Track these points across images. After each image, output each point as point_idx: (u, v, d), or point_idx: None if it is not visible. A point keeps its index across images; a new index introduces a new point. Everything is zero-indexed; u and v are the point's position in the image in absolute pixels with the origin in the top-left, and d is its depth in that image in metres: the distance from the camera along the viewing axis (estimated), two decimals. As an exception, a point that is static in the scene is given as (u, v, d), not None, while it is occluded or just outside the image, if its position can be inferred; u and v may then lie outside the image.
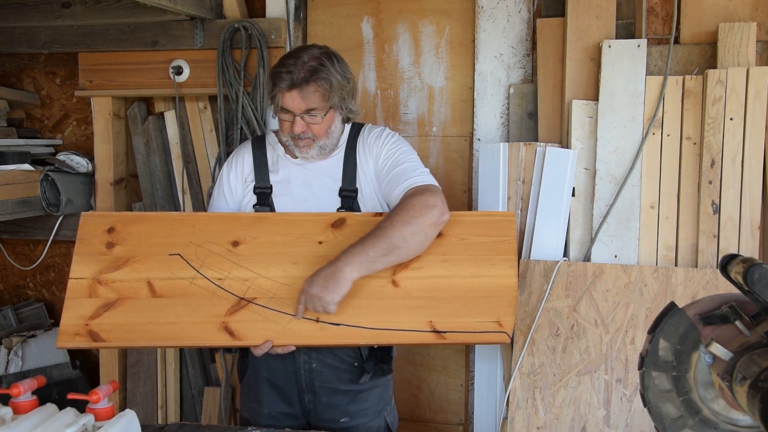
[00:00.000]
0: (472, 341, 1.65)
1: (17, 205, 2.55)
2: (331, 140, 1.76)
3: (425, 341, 1.60)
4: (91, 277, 1.67)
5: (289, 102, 1.67)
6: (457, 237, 1.70)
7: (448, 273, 1.65)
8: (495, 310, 1.61)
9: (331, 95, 1.68)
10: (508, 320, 1.60)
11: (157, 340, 1.64)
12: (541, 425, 2.11)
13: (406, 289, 1.64)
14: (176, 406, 2.86)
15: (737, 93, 2.06)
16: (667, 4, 2.29)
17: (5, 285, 3.15)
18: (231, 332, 1.60)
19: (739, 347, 0.84)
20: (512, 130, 2.44)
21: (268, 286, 1.64)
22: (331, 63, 1.69)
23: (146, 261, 1.69)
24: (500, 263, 1.66)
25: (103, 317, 1.63)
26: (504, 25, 2.44)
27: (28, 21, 2.70)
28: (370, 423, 1.82)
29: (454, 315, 1.61)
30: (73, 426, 1.27)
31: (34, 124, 3.03)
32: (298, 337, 1.59)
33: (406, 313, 1.61)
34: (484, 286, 1.64)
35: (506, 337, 1.59)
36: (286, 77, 1.65)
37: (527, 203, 2.22)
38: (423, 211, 1.60)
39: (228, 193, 1.84)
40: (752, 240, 2.07)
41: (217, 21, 2.60)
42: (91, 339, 1.61)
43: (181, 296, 1.64)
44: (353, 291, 1.59)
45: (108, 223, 1.75)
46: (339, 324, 1.59)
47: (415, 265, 1.66)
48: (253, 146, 1.86)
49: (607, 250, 2.16)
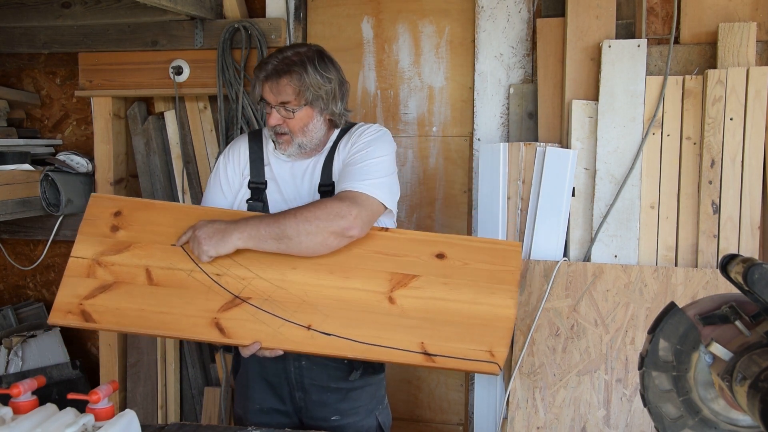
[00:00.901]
0: (461, 368, 1.61)
1: (17, 205, 2.55)
2: (310, 139, 1.74)
3: (414, 362, 1.58)
4: (91, 258, 1.68)
5: (266, 92, 1.70)
6: (460, 261, 1.68)
7: (446, 296, 1.63)
8: (489, 339, 1.58)
9: (303, 91, 1.68)
10: (500, 351, 1.57)
11: (147, 328, 1.64)
12: (541, 425, 2.11)
13: (402, 308, 1.62)
14: (176, 406, 2.86)
15: (737, 93, 2.06)
16: (667, 4, 2.29)
17: (5, 285, 3.15)
18: (221, 329, 1.59)
19: (739, 347, 0.84)
20: (512, 130, 2.44)
21: (264, 287, 1.64)
22: (311, 61, 1.69)
23: (147, 248, 1.69)
24: (500, 293, 1.64)
25: (97, 298, 1.64)
26: (504, 25, 2.44)
27: (28, 21, 2.70)
28: (361, 422, 1.82)
29: (446, 339, 1.58)
30: (73, 426, 1.27)
31: (34, 124, 3.03)
32: (287, 342, 1.59)
33: (398, 331, 1.59)
34: (481, 314, 1.61)
35: (497, 369, 1.56)
36: (264, 68, 1.70)
37: (527, 203, 2.22)
38: (329, 217, 1.58)
39: (225, 184, 1.84)
40: (752, 240, 2.07)
41: (217, 21, 2.60)
42: (82, 319, 1.62)
43: (177, 287, 1.64)
44: (348, 302, 1.60)
45: (116, 206, 1.76)
46: (330, 334, 1.58)
47: (414, 284, 1.64)
48: (249, 139, 1.86)
49: (607, 250, 2.16)
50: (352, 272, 1.65)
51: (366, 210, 1.62)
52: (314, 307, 1.62)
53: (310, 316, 1.60)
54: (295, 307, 1.62)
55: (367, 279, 1.65)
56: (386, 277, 1.65)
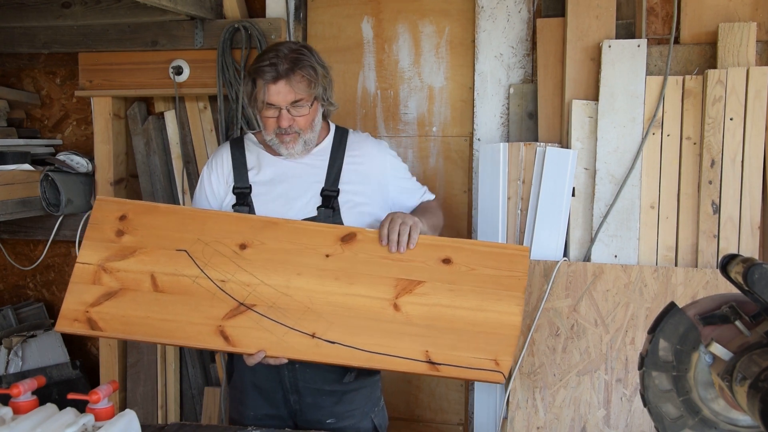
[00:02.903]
0: (465, 377, 1.60)
1: (17, 205, 2.55)
2: (314, 134, 1.77)
3: (418, 371, 1.57)
4: (97, 264, 1.68)
5: (274, 95, 1.67)
6: (466, 266, 1.66)
7: (452, 303, 1.62)
8: (494, 347, 1.57)
9: (316, 83, 1.69)
10: (505, 360, 1.56)
11: (152, 336, 1.64)
12: (541, 425, 2.11)
13: (407, 315, 1.61)
14: (176, 406, 2.86)
15: (737, 93, 2.06)
16: (667, 4, 2.29)
17: (5, 285, 3.15)
18: (226, 337, 1.59)
19: (739, 347, 0.84)
20: (512, 130, 2.44)
21: (269, 294, 1.63)
22: (310, 53, 1.72)
23: (153, 253, 1.68)
24: (507, 299, 1.62)
25: (103, 306, 1.63)
26: (504, 25, 2.44)
27: (28, 21, 2.70)
28: (357, 425, 1.81)
29: (451, 347, 1.57)
30: (73, 426, 1.28)
31: (34, 124, 3.03)
32: (291, 351, 1.58)
33: (403, 339, 1.58)
34: (486, 321, 1.60)
35: (501, 378, 1.55)
36: (270, 70, 1.66)
37: (527, 203, 2.22)
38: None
39: (210, 194, 1.84)
40: (752, 240, 2.07)
41: (217, 21, 2.60)
42: (89, 326, 1.62)
43: (182, 294, 1.64)
44: (353, 309, 1.60)
45: (121, 210, 1.75)
46: (334, 342, 1.58)
47: (419, 290, 1.63)
48: (231, 147, 1.87)
49: (607, 250, 2.16)
50: (357, 278, 1.64)
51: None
52: (318, 314, 1.61)
53: (314, 324, 1.60)
54: (299, 315, 1.61)
55: (372, 285, 1.64)
56: (391, 283, 1.64)
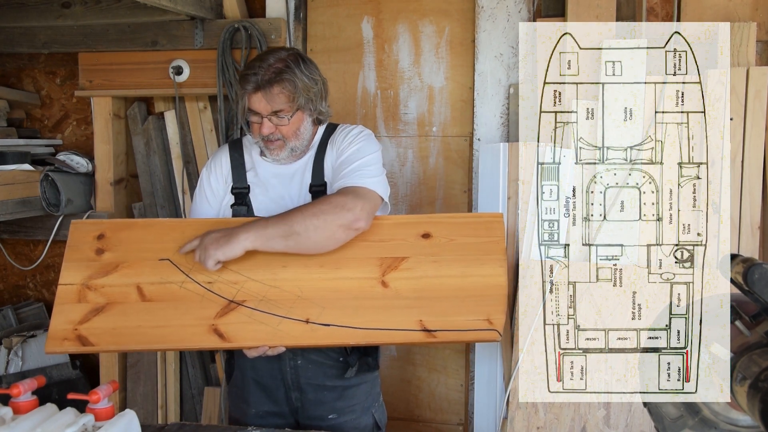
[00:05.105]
0: (462, 339, 1.64)
1: (17, 205, 2.55)
2: (301, 142, 1.77)
3: (416, 340, 1.59)
4: (80, 283, 1.66)
5: (255, 104, 1.69)
6: (446, 238, 1.70)
7: (438, 273, 1.65)
8: (485, 308, 1.60)
9: (296, 96, 1.69)
10: (498, 318, 1.59)
11: (147, 344, 1.64)
12: (541, 425, 2.11)
13: (396, 290, 1.63)
14: (176, 406, 2.86)
15: (737, 93, 2.06)
16: (667, 4, 2.29)
17: (5, 285, 3.15)
18: (221, 334, 1.59)
19: (739, 347, 0.84)
20: (512, 130, 2.44)
21: (257, 288, 1.64)
22: (296, 65, 1.70)
23: (136, 266, 1.68)
24: (489, 263, 1.66)
25: (92, 321, 1.62)
26: (504, 25, 2.44)
27: (28, 21, 2.70)
28: (357, 419, 1.83)
29: (444, 314, 1.60)
30: (73, 426, 1.27)
31: (34, 124, 3.03)
32: (288, 338, 1.59)
33: (396, 313, 1.60)
34: (473, 285, 1.63)
35: (497, 335, 1.58)
36: (252, 79, 1.67)
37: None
38: (335, 210, 1.59)
39: (210, 195, 1.85)
40: (752, 240, 2.07)
41: (217, 21, 2.60)
42: (79, 343, 1.60)
43: (170, 300, 1.63)
44: (343, 292, 1.61)
45: (98, 230, 1.74)
46: (329, 324, 1.59)
47: (404, 266, 1.66)
48: (230, 148, 1.89)
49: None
50: (343, 262, 1.66)
51: (369, 202, 1.65)
52: (310, 301, 1.62)
53: (307, 311, 1.61)
54: (291, 304, 1.62)
55: (358, 267, 1.66)
56: (376, 263, 1.66)
